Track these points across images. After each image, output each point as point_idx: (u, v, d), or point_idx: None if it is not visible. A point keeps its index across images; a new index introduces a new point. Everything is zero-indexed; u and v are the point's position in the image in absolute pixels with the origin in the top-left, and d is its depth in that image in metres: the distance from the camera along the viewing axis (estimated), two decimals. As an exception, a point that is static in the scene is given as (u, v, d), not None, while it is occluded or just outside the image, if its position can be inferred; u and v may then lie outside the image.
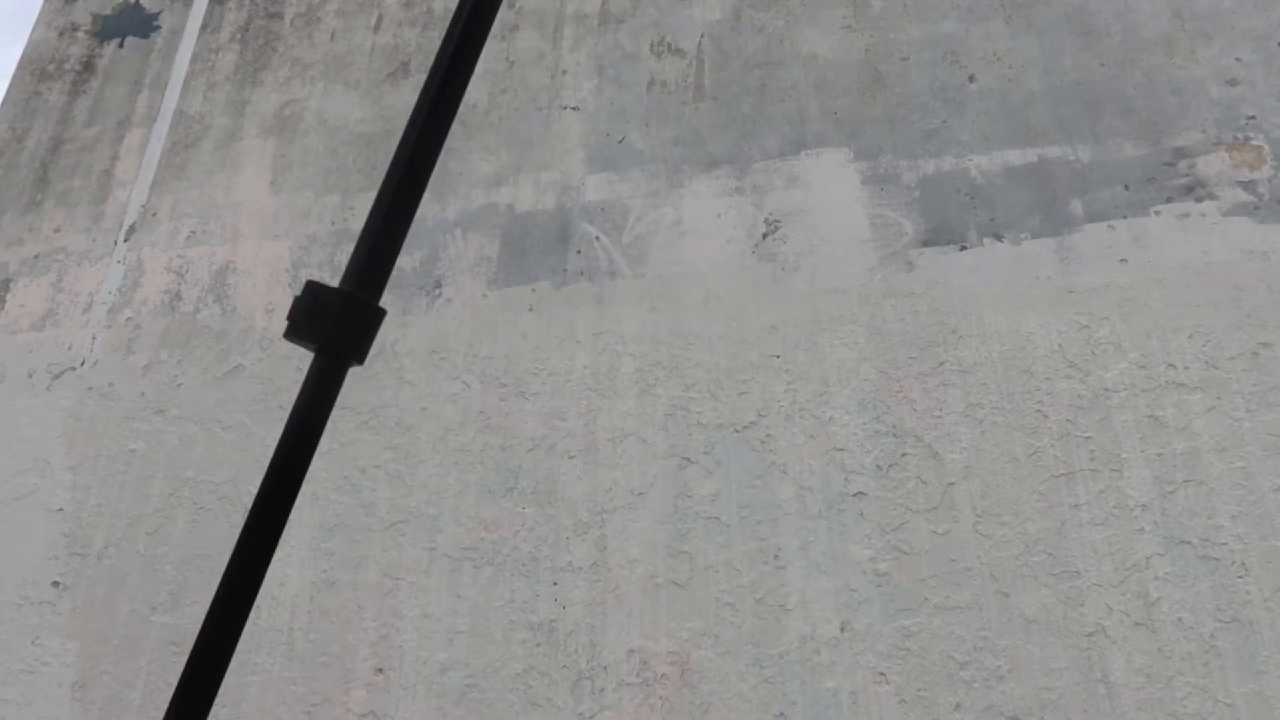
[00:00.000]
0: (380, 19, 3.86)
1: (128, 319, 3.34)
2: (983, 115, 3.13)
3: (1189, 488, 2.48)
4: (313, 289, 0.73)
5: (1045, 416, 2.63)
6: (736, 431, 2.74)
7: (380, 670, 2.60)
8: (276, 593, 2.74)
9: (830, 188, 3.11)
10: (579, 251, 3.16)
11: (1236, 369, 2.60)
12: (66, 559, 2.91)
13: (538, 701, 2.49)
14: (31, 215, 3.67)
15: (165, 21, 4.10)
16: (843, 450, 2.66)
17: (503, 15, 3.69)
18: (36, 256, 3.57)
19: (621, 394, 2.88)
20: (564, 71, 3.57)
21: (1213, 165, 2.90)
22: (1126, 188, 2.92)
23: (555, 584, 2.63)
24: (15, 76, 4.07)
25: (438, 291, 3.19)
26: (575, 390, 2.91)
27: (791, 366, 2.83)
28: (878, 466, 2.63)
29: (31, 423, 3.18)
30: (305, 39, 3.88)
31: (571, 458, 2.81)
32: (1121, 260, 2.81)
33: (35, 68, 4.09)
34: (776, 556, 2.56)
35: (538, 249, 3.20)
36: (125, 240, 3.53)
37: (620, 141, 3.36)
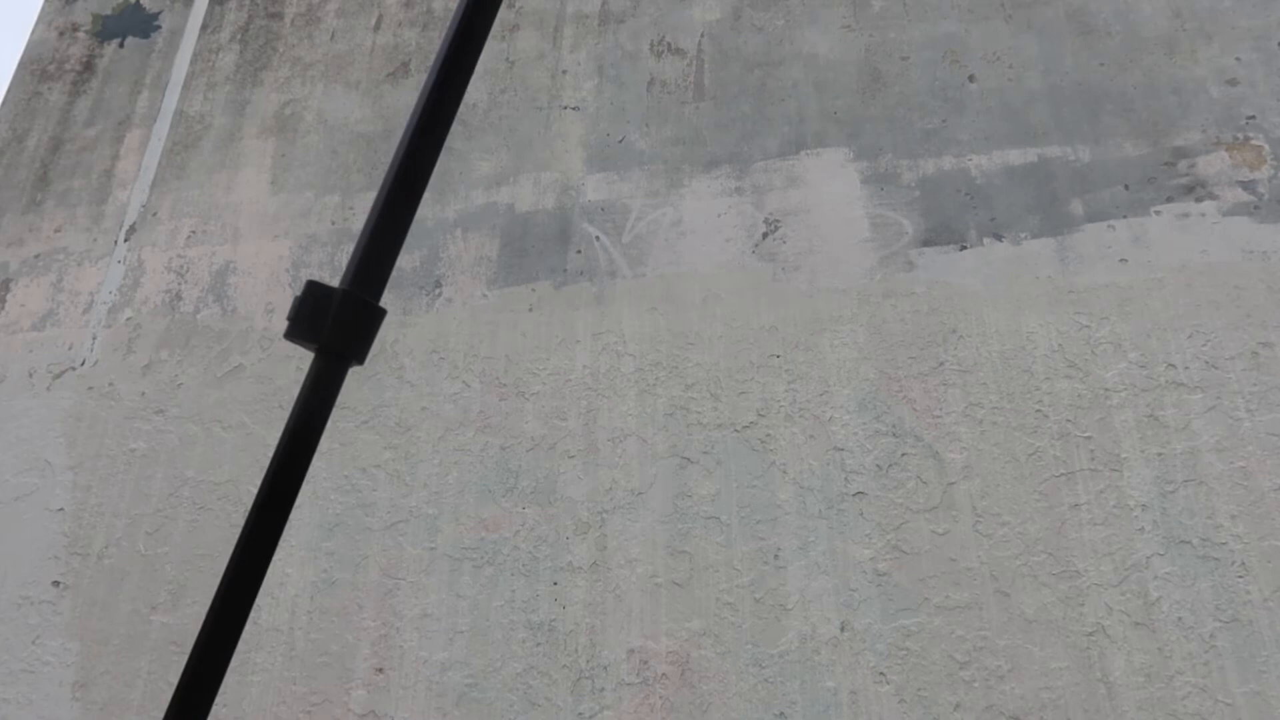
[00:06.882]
0: (380, 19, 3.86)
1: (128, 319, 3.34)
2: (983, 115, 3.13)
3: (1189, 487, 2.48)
4: (313, 289, 0.73)
5: (1045, 416, 2.63)
6: (736, 431, 2.74)
7: (380, 670, 2.60)
8: (276, 593, 2.74)
9: (830, 188, 3.11)
10: (579, 251, 3.16)
11: (1236, 369, 2.60)
12: (67, 559, 2.91)
13: (538, 701, 2.49)
14: (32, 215, 3.67)
15: (165, 21, 4.10)
16: (843, 450, 2.66)
17: (503, 15, 3.69)
18: (37, 256, 3.57)
19: (621, 394, 2.88)
20: (564, 71, 3.57)
21: (1213, 165, 2.90)
22: (1126, 188, 2.92)
23: (555, 584, 2.63)
24: (15, 76, 4.07)
25: (438, 291, 3.19)
26: (575, 390, 2.91)
27: (791, 366, 2.83)
28: (878, 466, 2.63)
29: (31, 423, 3.18)
30: (305, 39, 3.88)
31: (571, 458, 2.81)
32: (1121, 260, 2.81)
33: (35, 68, 4.09)
34: (776, 556, 2.56)
35: (538, 249, 3.20)
36: (125, 240, 3.53)
37: (620, 141, 3.36)
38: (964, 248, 2.92)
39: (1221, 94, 3.02)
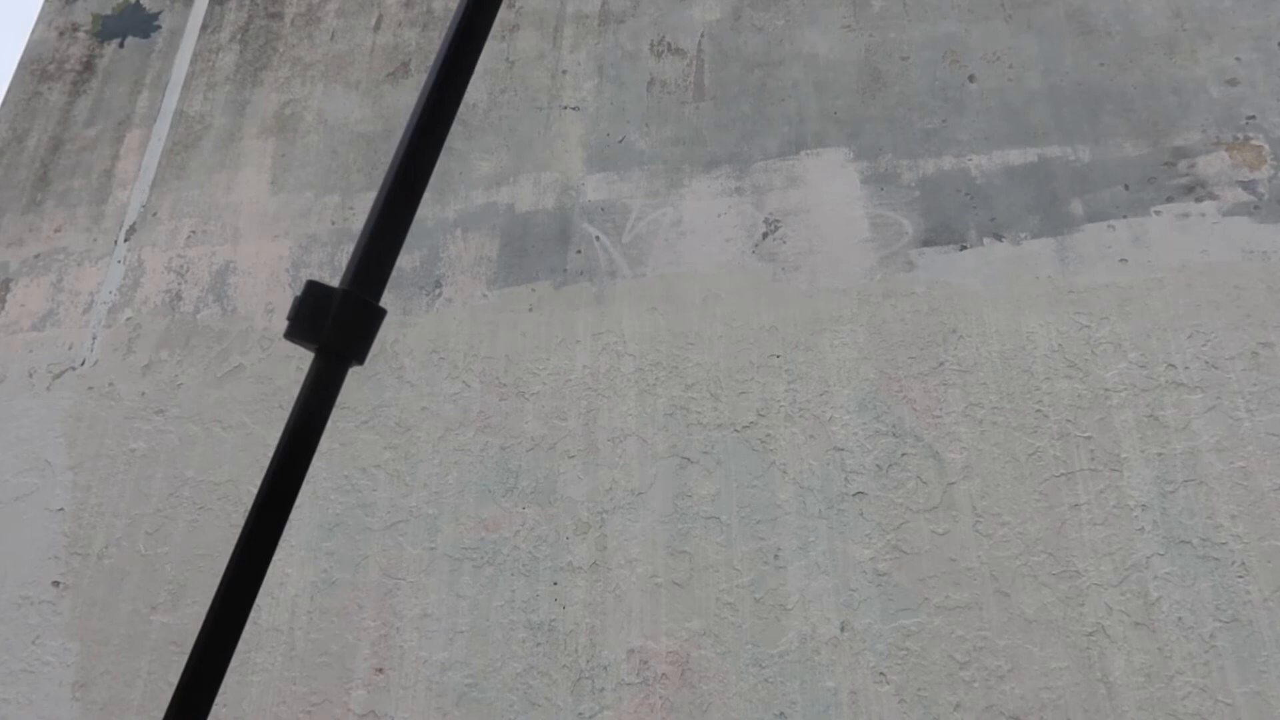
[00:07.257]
0: (380, 19, 3.86)
1: (128, 319, 3.34)
2: (983, 115, 3.13)
3: (1189, 488, 2.48)
4: (313, 289, 0.73)
5: (1045, 416, 2.63)
6: (736, 431, 2.74)
7: (380, 670, 2.60)
8: (276, 593, 2.74)
9: (830, 188, 3.11)
10: (579, 251, 3.16)
11: (1236, 369, 2.60)
12: (67, 559, 2.91)
13: (538, 701, 2.49)
14: (32, 215, 3.68)
15: (165, 21, 4.10)
16: (843, 450, 2.66)
17: (503, 15, 3.69)
18: (37, 256, 3.57)
19: (621, 394, 2.88)
20: (564, 71, 3.57)
21: (1213, 165, 2.90)
22: (1126, 188, 2.92)
23: (555, 584, 2.63)
24: (15, 76, 4.07)
25: (438, 291, 3.19)
26: (575, 390, 2.91)
27: (791, 366, 2.83)
28: (878, 466, 2.63)
29: (31, 423, 3.18)
30: (305, 39, 3.88)
31: (571, 458, 2.81)
32: (1121, 260, 2.81)
33: (35, 68, 4.09)
34: (776, 556, 2.56)
35: (538, 249, 3.20)
36: (125, 240, 3.53)
37: (620, 141, 3.36)
38: (964, 248, 2.92)
39: (1221, 94, 3.01)
